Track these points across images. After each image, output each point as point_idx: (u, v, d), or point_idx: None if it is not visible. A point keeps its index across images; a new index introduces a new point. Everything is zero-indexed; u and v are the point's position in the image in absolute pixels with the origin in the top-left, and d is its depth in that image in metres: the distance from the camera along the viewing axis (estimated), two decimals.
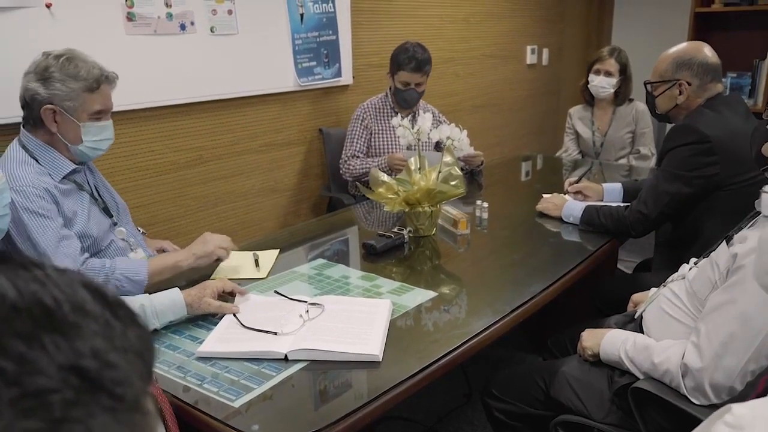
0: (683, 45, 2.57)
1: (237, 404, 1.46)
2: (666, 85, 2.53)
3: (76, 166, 2.16)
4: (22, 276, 0.47)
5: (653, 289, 2.09)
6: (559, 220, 2.72)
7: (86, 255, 2.06)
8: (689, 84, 2.48)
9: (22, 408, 0.41)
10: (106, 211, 2.25)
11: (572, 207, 2.71)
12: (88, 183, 2.23)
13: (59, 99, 2.02)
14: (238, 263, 2.29)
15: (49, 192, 2.03)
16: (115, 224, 2.27)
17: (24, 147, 2.08)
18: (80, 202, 2.14)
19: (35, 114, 2.04)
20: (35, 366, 0.43)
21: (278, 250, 2.42)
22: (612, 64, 3.92)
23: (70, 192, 2.12)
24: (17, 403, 0.41)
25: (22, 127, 2.12)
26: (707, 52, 2.52)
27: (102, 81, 2.08)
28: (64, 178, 2.10)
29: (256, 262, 2.30)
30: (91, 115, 2.08)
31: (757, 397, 1.10)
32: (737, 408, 0.93)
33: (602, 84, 3.94)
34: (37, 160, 2.07)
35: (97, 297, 0.49)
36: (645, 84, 2.66)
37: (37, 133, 2.08)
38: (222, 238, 2.20)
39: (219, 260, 2.19)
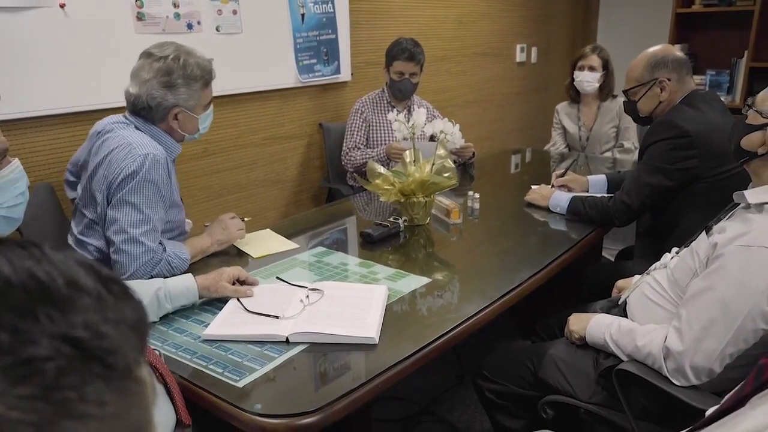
0: (650, 49, 2.58)
1: (241, 384, 1.45)
2: (645, 87, 2.53)
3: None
4: (17, 253, 0.47)
5: (636, 276, 2.09)
6: (547, 210, 2.71)
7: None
8: (669, 80, 2.48)
9: (15, 375, 0.41)
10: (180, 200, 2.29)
11: (559, 198, 2.70)
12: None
13: (184, 101, 2.08)
14: (262, 240, 2.38)
15: (167, 165, 2.07)
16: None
17: (136, 128, 2.09)
18: (175, 185, 2.19)
19: (159, 116, 2.08)
20: (28, 336, 0.42)
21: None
22: (595, 60, 3.93)
23: (171, 174, 2.15)
24: (10, 371, 0.41)
25: (132, 113, 2.12)
26: (674, 49, 2.57)
27: (213, 73, 2.16)
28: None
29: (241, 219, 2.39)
30: (205, 107, 2.16)
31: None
32: None
33: (587, 78, 3.93)
34: (154, 139, 2.10)
35: (90, 273, 0.49)
36: (624, 92, 2.66)
37: (154, 124, 2.11)
38: (236, 222, 2.32)
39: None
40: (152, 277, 1.94)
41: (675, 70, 2.48)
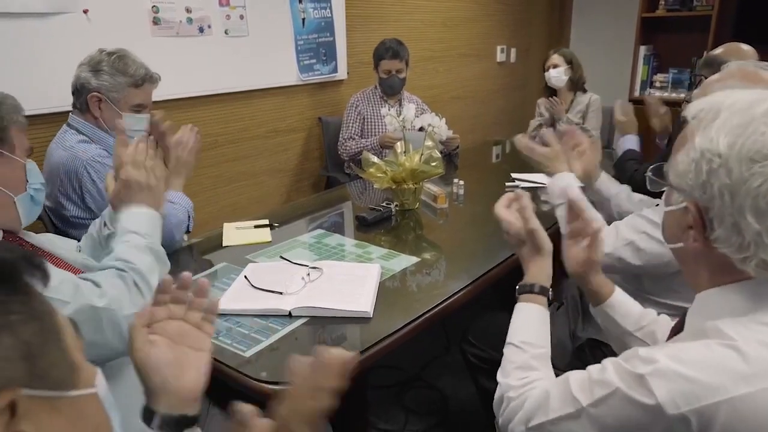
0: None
1: (248, 354, 1.45)
2: None
3: None
4: None
5: None
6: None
7: None
8: None
9: None
10: None
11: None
12: None
13: (105, 89, 2.03)
14: (245, 232, 2.28)
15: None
16: None
17: (78, 131, 2.07)
18: None
19: (83, 99, 2.04)
20: None
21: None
22: (557, 58, 3.97)
23: None
24: None
25: (71, 112, 2.12)
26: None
27: (146, 80, 2.09)
28: None
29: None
30: (132, 107, 2.08)
31: None
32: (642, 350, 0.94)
33: (553, 75, 3.96)
34: (92, 141, 2.06)
35: None
36: None
37: (85, 117, 2.08)
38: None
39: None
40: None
41: None
